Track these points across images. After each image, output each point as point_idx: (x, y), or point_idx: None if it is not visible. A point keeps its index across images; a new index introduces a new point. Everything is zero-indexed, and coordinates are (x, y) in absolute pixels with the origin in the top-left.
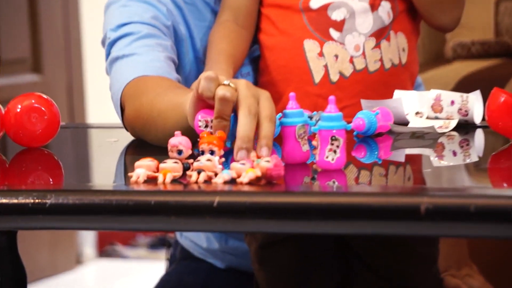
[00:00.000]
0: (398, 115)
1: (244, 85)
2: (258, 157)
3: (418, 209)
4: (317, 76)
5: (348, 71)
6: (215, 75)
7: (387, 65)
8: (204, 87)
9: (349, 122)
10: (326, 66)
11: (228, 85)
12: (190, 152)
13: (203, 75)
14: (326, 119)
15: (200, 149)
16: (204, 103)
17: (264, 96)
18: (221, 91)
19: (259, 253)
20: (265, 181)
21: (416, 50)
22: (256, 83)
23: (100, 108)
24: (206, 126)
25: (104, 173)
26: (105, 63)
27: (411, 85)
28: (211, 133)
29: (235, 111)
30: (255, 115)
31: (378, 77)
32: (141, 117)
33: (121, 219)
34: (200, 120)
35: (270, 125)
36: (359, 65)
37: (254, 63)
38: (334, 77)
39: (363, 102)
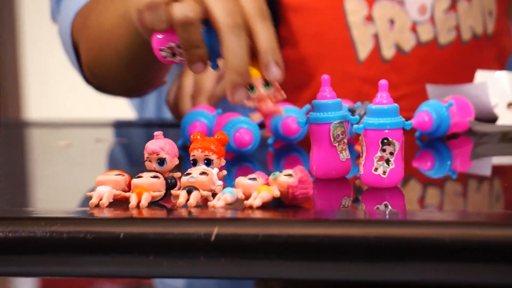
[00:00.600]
0: (482, 107)
1: None
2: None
3: None
4: (363, 51)
5: (409, 44)
6: None
7: (466, 35)
8: (152, 19)
9: (408, 118)
10: (376, 36)
11: None
12: (176, 161)
13: (139, 2)
14: (375, 114)
15: (191, 157)
16: None
17: None
18: (178, 12)
19: None
20: (285, 203)
21: (509, 14)
22: None
23: (44, 97)
24: (174, 55)
25: (50, 193)
26: (49, 14)
27: (501, 65)
28: (176, 61)
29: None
30: (241, 25)
31: (453, 52)
32: (93, 49)
33: (75, 260)
34: (162, 50)
35: (265, 27)
36: (426, 34)
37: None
38: (388, 52)
39: (430, 88)
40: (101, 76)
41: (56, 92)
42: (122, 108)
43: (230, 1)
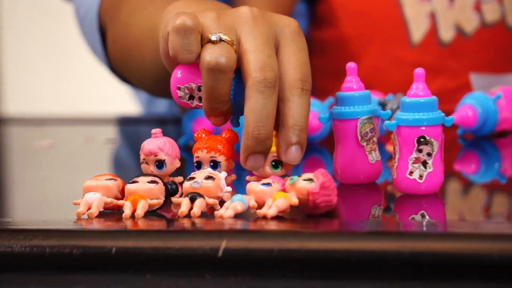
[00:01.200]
0: None
1: (249, 30)
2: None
3: None
4: (417, 32)
5: (471, 25)
6: (192, 22)
7: None
8: (178, 46)
9: (449, 113)
10: (433, 16)
11: (219, 40)
12: (177, 163)
13: (171, 23)
14: (410, 108)
15: (195, 159)
16: None
17: (288, 33)
18: (209, 57)
19: None
20: (305, 213)
21: None
22: (310, 40)
23: (23, 90)
24: (192, 98)
25: (31, 201)
26: None
27: None
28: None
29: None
30: (274, 86)
31: None
32: (118, 44)
33: (60, 279)
34: (179, 88)
35: (302, 101)
36: (491, 14)
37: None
38: (447, 33)
39: (474, 78)
40: (126, 73)
41: (38, 83)
42: (119, 102)
43: (270, 56)
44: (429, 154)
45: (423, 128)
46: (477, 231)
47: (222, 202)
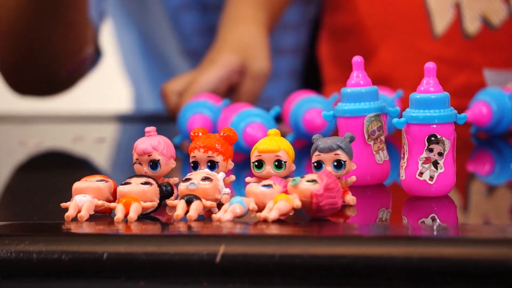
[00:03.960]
0: None
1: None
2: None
3: None
4: (441, 23)
5: (498, 16)
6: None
7: None
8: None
9: (462, 110)
10: (458, 6)
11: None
12: (173, 164)
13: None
14: (418, 105)
15: (192, 159)
16: None
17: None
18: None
19: None
20: (308, 216)
21: None
22: (323, 25)
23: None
24: None
25: (16, 204)
26: None
27: None
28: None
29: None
30: None
31: None
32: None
33: (48, 287)
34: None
35: None
36: None
37: None
38: (472, 25)
39: (488, 74)
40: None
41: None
42: (111, 99)
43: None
44: (440, 154)
45: (434, 126)
46: (490, 236)
47: (220, 205)
